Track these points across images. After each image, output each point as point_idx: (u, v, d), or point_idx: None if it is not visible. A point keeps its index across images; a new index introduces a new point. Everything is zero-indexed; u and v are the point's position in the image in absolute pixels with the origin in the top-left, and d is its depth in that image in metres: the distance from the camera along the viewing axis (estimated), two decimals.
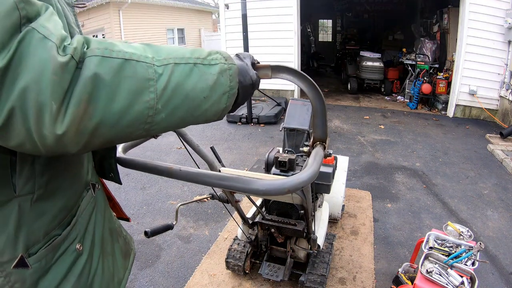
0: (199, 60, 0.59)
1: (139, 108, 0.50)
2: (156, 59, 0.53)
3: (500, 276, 2.28)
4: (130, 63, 0.49)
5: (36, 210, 0.62)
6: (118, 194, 3.36)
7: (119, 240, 0.91)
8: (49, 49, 0.44)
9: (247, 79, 0.68)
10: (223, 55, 0.64)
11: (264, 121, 5.79)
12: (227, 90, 0.62)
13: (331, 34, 13.42)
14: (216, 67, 0.61)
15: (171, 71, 0.54)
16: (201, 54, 0.61)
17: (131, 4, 11.86)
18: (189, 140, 1.15)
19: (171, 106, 0.54)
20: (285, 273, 1.98)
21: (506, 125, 5.38)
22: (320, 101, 0.73)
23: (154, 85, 0.51)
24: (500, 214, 3.03)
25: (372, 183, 3.62)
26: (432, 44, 7.05)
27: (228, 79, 0.63)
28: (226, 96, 0.63)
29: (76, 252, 0.70)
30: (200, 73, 0.58)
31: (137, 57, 0.50)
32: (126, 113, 0.49)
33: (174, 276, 2.31)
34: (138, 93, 0.49)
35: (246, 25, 5.24)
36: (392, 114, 6.40)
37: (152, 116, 0.52)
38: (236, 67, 0.65)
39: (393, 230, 2.79)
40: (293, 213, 1.91)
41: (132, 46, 0.52)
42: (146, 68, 0.51)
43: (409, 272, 2.06)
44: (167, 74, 0.53)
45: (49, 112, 0.44)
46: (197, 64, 0.58)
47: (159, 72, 0.52)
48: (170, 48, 0.58)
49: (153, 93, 0.51)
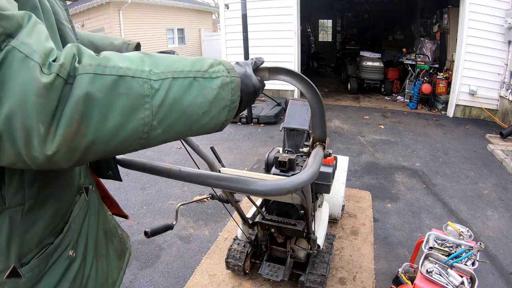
0: (200, 74, 0.56)
1: (133, 125, 0.48)
2: (153, 73, 0.50)
3: (500, 276, 2.28)
4: (125, 79, 0.47)
5: (27, 220, 0.60)
6: (118, 194, 3.36)
7: (113, 241, 0.89)
8: (32, 69, 0.41)
9: (249, 87, 0.66)
10: (225, 67, 0.61)
11: (264, 121, 5.79)
12: (227, 104, 0.60)
13: (331, 34, 13.42)
14: (217, 80, 0.58)
15: (169, 86, 0.51)
16: (202, 66, 0.58)
17: (131, 4, 11.86)
18: (189, 140, 1.15)
19: (167, 122, 0.52)
20: (285, 273, 1.98)
21: (506, 125, 5.38)
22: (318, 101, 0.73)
23: (150, 102, 0.49)
24: (500, 214, 3.03)
25: (372, 183, 3.62)
26: (432, 44, 7.05)
27: (230, 93, 0.60)
28: (227, 110, 0.60)
29: (69, 258, 0.69)
30: (200, 87, 0.55)
31: (132, 73, 0.48)
32: (120, 130, 0.48)
33: (174, 276, 2.31)
34: (133, 110, 0.48)
35: (246, 25, 5.24)
36: (392, 114, 6.40)
37: (147, 132, 0.50)
38: (239, 80, 0.62)
39: (393, 230, 2.79)
40: (293, 213, 1.91)
41: (128, 58, 0.50)
42: (141, 84, 0.48)
43: (409, 272, 2.06)
44: (164, 90, 0.50)
45: (37, 135, 0.42)
46: (197, 78, 0.56)
47: (156, 88, 0.50)
48: (170, 59, 0.56)
49: (149, 110, 0.49)
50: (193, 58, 0.59)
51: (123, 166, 0.87)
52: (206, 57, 0.62)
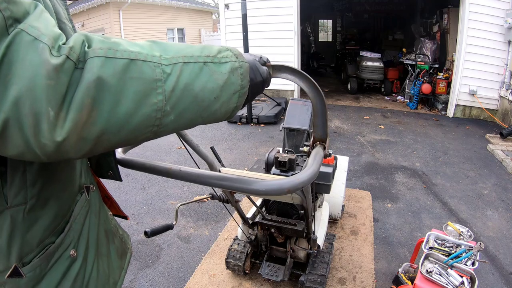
0: (209, 59, 0.56)
1: (146, 110, 0.47)
2: (164, 58, 0.50)
3: (500, 276, 2.28)
4: (136, 63, 0.46)
5: (29, 220, 0.60)
6: (118, 194, 3.36)
7: (114, 241, 0.89)
8: (41, 51, 0.40)
9: (257, 76, 0.66)
10: (233, 52, 0.61)
11: (264, 121, 5.79)
12: (237, 89, 0.60)
13: (331, 34, 13.42)
14: (227, 65, 0.58)
15: (180, 71, 0.51)
16: (211, 51, 0.58)
17: (131, 4, 11.86)
18: (189, 140, 1.15)
19: (180, 108, 0.51)
20: (285, 273, 1.98)
21: (506, 125, 5.38)
22: (320, 100, 0.73)
23: (162, 86, 0.48)
24: (500, 214, 3.03)
25: (372, 183, 3.62)
26: (432, 44, 7.05)
27: (239, 77, 0.60)
28: (237, 96, 0.60)
29: (70, 258, 0.69)
30: (210, 72, 0.55)
31: (144, 57, 0.47)
32: (133, 116, 0.46)
33: (174, 276, 2.31)
34: (145, 95, 0.47)
35: (246, 25, 5.24)
36: (392, 114, 6.40)
37: (160, 118, 0.50)
38: (247, 65, 0.63)
39: (393, 230, 2.79)
40: (293, 213, 1.91)
41: (138, 44, 0.50)
42: (153, 68, 0.48)
43: (409, 272, 2.06)
44: (175, 74, 0.50)
45: (46, 120, 0.41)
46: (207, 63, 0.55)
47: (167, 72, 0.49)
48: (179, 45, 0.55)
49: (161, 94, 0.48)
50: (200, 45, 0.59)
51: (123, 165, 0.86)
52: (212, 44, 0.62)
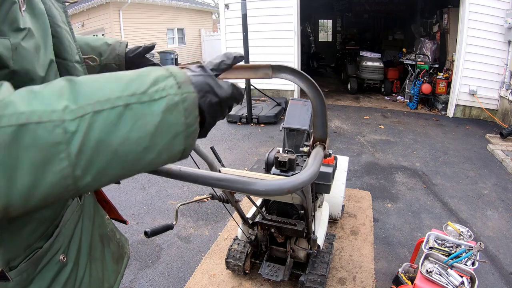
0: (135, 98, 0.43)
1: (51, 180, 0.39)
2: (69, 110, 0.40)
3: (500, 276, 2.28)
4: (28, 128, 0.37)
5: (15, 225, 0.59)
6: (118, 194, 3.36)
7: (110, 245, 0.88)
8: None
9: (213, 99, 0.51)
10: (177, 80, 0.47)
11: (264, 121, 5.79)
12: (181, 130, 0.46)
13: (331, 34, 13.42)
14: (161, 102, 0.44)
15: (89, 125, 0.40)
16: (142, 84, 0.45)
17: (131, 4, 11.86)
18: None
19: (95, 169, 0.41)
20: (285, 273, 1.98)
21: (506, 125, 5.38)
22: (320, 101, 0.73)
23: (66, 149, 0.39)
24: (500, 214, 3.03)
25: (372, 183, 3.62)
26: (432, 44, 7.05)
27: (182, 115, 0.46)
28: (182, 137, 0.47)
29: (60, 263, 0.67)
30: (135, 117, 0.43)
31: (38, 117, 0.38)
32: (37, 188, 0.39)
33: (174, 276, 2.31)
34: (45, 163, 0.38)
35: (246, 25, 5.24)
36: (392, 114, 6.40)
37: (73, 184, 0.41)
38: (195, 96, 0.47)
39: (393, 230, 2.79)
40: (293, 213, 1.91)
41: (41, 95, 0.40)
42: (51, 129, 0.38)
43: (409, 272, 2.06)
44: (82, 131, 0.40)
45: None
46: (130, 105, 0.43)
47: (71, 130, 0.39)
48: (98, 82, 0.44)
49: (66, 159, 0.39)
50: (134, 74, 0.46)
51: None
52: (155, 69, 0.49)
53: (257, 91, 6.69)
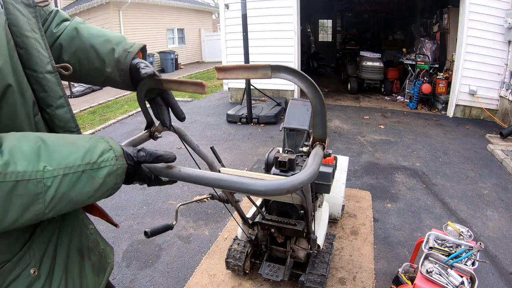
0: (89, 166, 0.62)
1: (29, 216, 0.55)
2: (47, 170, 0.56)
3: (500, 276, 2.28)
4: (22, 183, 0.53)
5: None
6: (118, 194, 3.36)
7: (91, 257, 0.87)
8: None
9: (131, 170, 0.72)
10: (115, 153, 0.67)
11: (264, 121, 5.79)
12: (111, 187, 0.67)
13: (331, 34, 13.42)
14: (104, 170, 0.64)
15: (59, 183, 0.58)
16: (93, 156, 0.64)
17: (131, 4, 11.85)
18: (189, 140, 1.15)
19: (57, 209, 0.59)
20: (285, 273, 1.98)
21: (506, 125, 5.38)
22: (319, 100, 0.73)
23: (43, 197, 0.56)
24: (500, 214, 3.03)
25: (372, 183, 3.62)
26: (432, 44, 7.05)
27: (115, 178, 0.67)
28: (111, 190, 0.68)
29: (31, 276, 0.67)
30: (87, 178, 0.62)
31: (29, 175, 0.54)
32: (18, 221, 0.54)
33: (174, 276, 2.32)
34: (28, 206, 0.54)
35: (246, 25, 5.24)
36: (392, 114, 6.40)
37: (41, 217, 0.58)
38: (125, 166, 0.69)
39: (393, 230, 2.79)
40: (293, 213, 1.91)
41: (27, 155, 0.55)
42: (36, 184, 0.55)
43: (409, 272, 2.06)
44: (55, 187, 0.57)
45: None
46: (86, 171, 0.62)
47: (48, 185, 0.56)
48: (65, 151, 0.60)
49: (42, 203, 0.56)
50: (88, 145, 0.65)
51: None
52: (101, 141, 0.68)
53: (257, 91, 6.69)
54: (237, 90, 7.45)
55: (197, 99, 7.99)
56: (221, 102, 7.58)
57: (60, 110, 0.76)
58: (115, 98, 8.73)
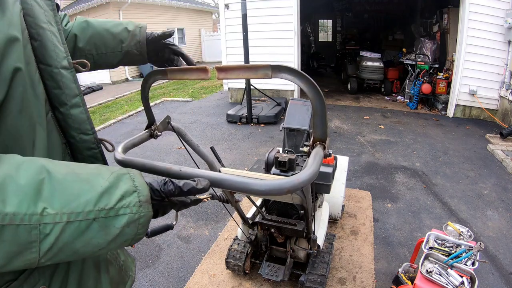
0: (103, 212, 0.49)
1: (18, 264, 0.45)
2: (46, 213, 0.45)
3: (500, 276, 2.28)
4: (10, 228, 0.42)
5: None
6: None
7: (109, 270, 0.82)
8: None
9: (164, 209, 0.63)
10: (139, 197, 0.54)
11: (264, 121, 5.79)
12: (130, 238, 0.54)
13: (331, 34, 13.41)
14: (123, 218, 0.51)
15: (61, 231, 0.46)
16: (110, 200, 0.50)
17: (131, 4, 11.85)
18: (189, 140, 1.15)
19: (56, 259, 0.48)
20: (285, 273, 1.98)
21: (506, 125, 5.38)
22: (320, 101, 0.73)
23: (37, 246, 0.45)
24: (500, 214, 3.03)
25: (372, 183, 3.62)
26: (432, 44, 7.04)
27: (136, 228, 0.54)
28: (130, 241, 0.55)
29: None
30: (100, 227, 0.49)
31: (19, 219, 0.43)
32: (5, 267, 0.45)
33: (174, 276, 2.31)
34: (17, 254, 0.44)
35: (246, 25, 5.23)
36: (392, 114, 6.40)
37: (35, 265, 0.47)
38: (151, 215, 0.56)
39: (393, 230, 2.79)
40: (293, 213, 1.91)
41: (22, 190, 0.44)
42: (29, 230, 0.43)
43: (409, 272, 2.06)
44: (55, 235, 0.45)
45: None
46: (98, 219, 0.49)
47: (46, 233, 0.45)
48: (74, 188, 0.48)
49: (35, 253, 0.45)
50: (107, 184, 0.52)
51: (123, 166, 0.86)
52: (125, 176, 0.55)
53: (257, 91, 6.69)
54: (237, 90, 7.45)
55: (197, 99, 7.99)
56: (221, 102, 7.58)
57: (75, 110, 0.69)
58: (115, 98, 8.73)
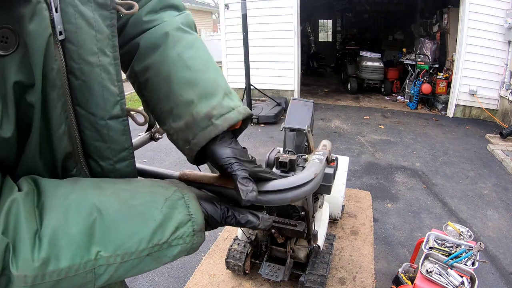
0: (157, 247, 0.48)
1: None
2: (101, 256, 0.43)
3: (500, 276, 2.28)
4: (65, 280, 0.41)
5: None
6: None
7: None
8: None
9: None
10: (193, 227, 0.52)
11: (264, 121, 5.78)
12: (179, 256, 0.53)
13: (331, 34, 13.41)
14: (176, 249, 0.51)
15: (115, 270, 0.45)
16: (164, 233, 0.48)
17: None
18: None
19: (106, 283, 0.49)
20: (285, 273, 1.98)
21: (506, 125, 5.38)
22: None
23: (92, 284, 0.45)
24: (500, 214, 3.04)
25: (372, 183, 3.62)
26: (432, 44, 7.05)
27: (186, 253, 0.53)
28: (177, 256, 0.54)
29: None
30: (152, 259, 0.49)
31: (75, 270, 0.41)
32: None
33: (174, 276, 2.32)
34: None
35: (246, 25, 5.23)
36: (392, 114, 6.40)
37: None
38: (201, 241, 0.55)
39: (393, 230, 2.79)
40: (293, 213, 1.91)
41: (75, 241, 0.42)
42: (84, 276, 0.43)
43: (409, 272, 2.06)
44: (108, 274, 0.45)
45: None
46: (152, 254, 0.48)
47: (100, 273, 0.44)
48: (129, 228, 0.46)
49: None
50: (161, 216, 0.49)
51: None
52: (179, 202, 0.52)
53: (257, 91, 6.69)
54: (237, 90, 7.45)
55: None
56: None
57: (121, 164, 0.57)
58: None
